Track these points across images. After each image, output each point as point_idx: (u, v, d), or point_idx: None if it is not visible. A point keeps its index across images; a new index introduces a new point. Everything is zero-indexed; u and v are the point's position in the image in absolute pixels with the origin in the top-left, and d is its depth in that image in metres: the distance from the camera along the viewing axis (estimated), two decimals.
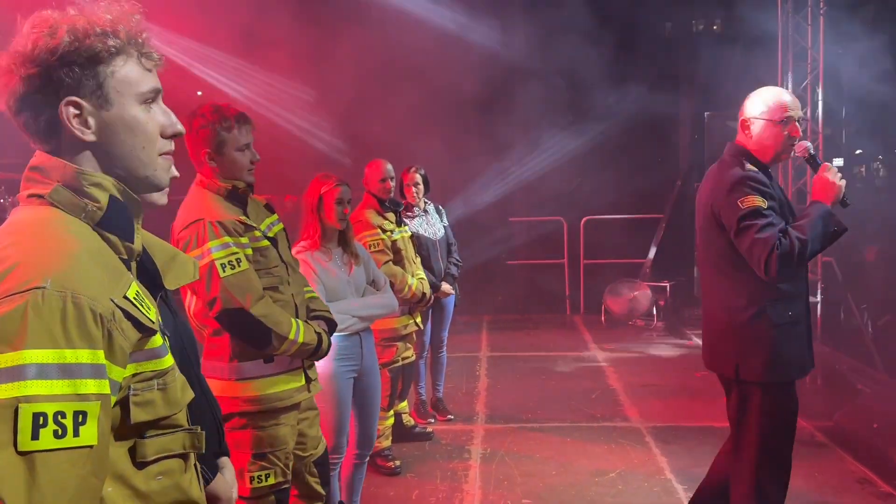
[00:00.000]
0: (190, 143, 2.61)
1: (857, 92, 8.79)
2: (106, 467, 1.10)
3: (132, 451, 1.18)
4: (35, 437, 0.99)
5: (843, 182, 2.71)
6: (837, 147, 11.13)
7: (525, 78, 10.77)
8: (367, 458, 3.56)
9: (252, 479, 2.59)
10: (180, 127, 1.31)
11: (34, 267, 1.07)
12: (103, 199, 1.20)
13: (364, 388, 3.37)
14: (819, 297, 8.61)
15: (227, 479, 1.66)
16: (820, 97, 8.50)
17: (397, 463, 4.40)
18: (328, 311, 2.87)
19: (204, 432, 1.31)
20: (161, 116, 1.27)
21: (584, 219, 9.64)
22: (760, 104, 2.83)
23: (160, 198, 1.43)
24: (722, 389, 3.22)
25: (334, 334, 3.10)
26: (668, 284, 8.64)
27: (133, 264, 1.26)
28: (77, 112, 1.18)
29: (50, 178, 1.20)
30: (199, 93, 9.78)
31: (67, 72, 1.17)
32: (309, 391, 2.74)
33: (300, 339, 2.58)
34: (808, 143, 2.87)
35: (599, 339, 7.99)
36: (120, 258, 1.22)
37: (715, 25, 13.16)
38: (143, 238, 1.30)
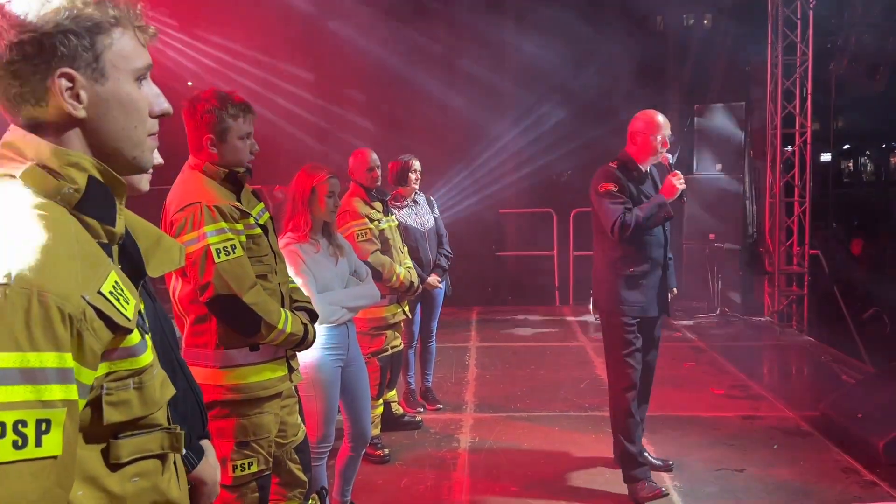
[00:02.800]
0: (192, 126, 2.58)
1: (846, 87, 8.84)
2: (72, 476, 1.02)
3: (105, 453, 1.11)
4: None
5: (684, 186, 3.74)
6: (826, 142, 11.21)
7: (517, 71, 10.77)
8: (363, 453, 3.56)
9: (235, 467, 2.57)
10: (168, 106, 1.24)
11: None
12: (81, 180, 1.11)
13: (351, 379, 3.36)
14: (806, 290, 8.70)
15: (211, 463, 1.64)
16: (809, 92, 8.55)
17: (386, 451, 4.42)
18: (310, 302, 2.86)
19: (183, 432, 1.25)
20: (150, 94, 1.21)
21: (574, 211, 9.67)
22: (643, 123, 3.84)
23: (143, 183, 1.37)
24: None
25: (322, 325, 3.12)
26: None
27: (115, 248, 1.17)
28: (70, 85, 1.10)
29: (24, 157, 1.11)
30: (190, 83, 9.74)
31: (63, 40, 1.08)
32: (291, 380, 2.74)
33: (288, 329, 2.58)
34: (669, 155, 3.85)
35: (588, 329, 8.02)
36: (99, 243, 1.13)
37: (705, 20, 13.20)
38: (126, 220, 1.22)
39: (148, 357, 1.15)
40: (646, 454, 4.14)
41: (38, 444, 0.94)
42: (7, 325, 0.94)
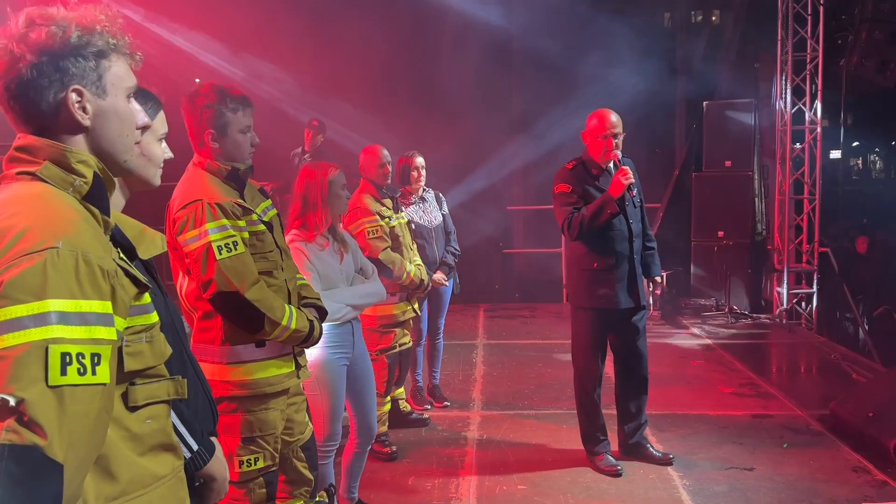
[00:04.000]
0: (192, 122, 2.58)
1: (856, 84, 8.78)
2: (112, 405, 1.24)
3: (125, 397, 1.33)
4: (63, 373, 1.13)
5: (629, 181, 3.86)
6: (835, 139, 11.13)
7: (523, 65, 10.74)
8: (369, 449, 3.55)
9: (241, 462, 2.57)
10: (147, 120, 1.51)
11: (45, 230, 1.19)
12: (89, 174, 1.32)
13: (357, 377, 3.35)
14: (815, 288, 8.65)
15: (221, 459, 1.67)
16: (819, 88, 8.50)
17: (394, 448, 4.41)
18: (319, 299, 2.86)
19: (186, 380, 1.46)
20: (135, 110, 1.44)
21: None
22: (594, 122, 4.02)
23: (156, 179, 1.62)
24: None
25: (327, 323, 3.10)
26: (664, 274, 8.64)
27: (107, 237, 1.34)
28: (79, 99, 1.32)
29: (37, 157, 1.31)
30: (197, 79, 9.74)
31: (75, 62, 1.30)
32: (298, 377, 2.74)
33: (292, 326, 2.58)
34: (618, 152, 3.97)
35: None
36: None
37: (714, 16, 13.11)
38: (112, 215, 1.40)
39: (155, 316, 1.38)
40: (647, 446, 4.31)
41: (94, 373, 1.16)
42: (63, 278, 1.16)
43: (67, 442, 1.12)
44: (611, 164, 4.05)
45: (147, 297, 1.36)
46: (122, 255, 1.34)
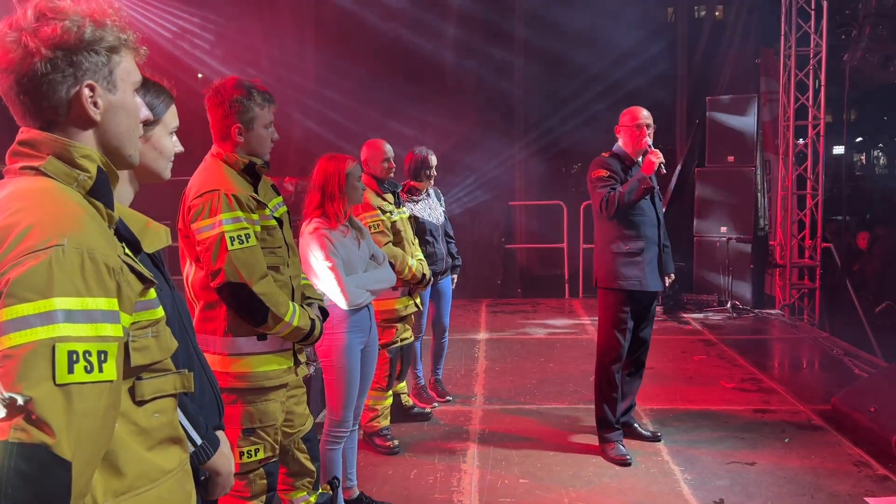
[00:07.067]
0: (219, 115, 2.62)
1: (860, 79, 8.77)
2: (119, 402, 1.24)
3: (132, 392, 1.34)
4: (71, 371, 1.14)
5: (660, 160, 4.10)
6: (839, 134, 11.11)
7: (526, 60, 10.73)
8: (357, 428, 3.58)
9: (241, 454, 2.60)
10: (148, 113, 1.52)
11: (50, 227, 1.19)
12: (93, 169, 1.32)
13: (366, 358, 3.42)
14: (817, 283, 8.65)
15: (226, 454, 1.68)
16: (822, 83, 8.49)
17: (396, 443, 4.42)
18: (321, 299, 2.90)
19: (192, 374, 1.48)
20: (140, 104, 1.45)
21: (584, 203, 9.64)
22: (628, 116, 4.29)
23: (166, 172, 1.65)
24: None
25: (350, 307, 3.16)
26: None
27: (111, 231, 1.35)
28: (91, 94, 1.32)
29: (41, 152, 1.31)
30: (200, 75, 9.75)
31: (88, 57, 1.30)
32: (296, 374, 2.76)
33: (295, 323, 2.60)
34: (648, 139, 4.24)
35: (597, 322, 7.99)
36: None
37: (717, 12, 13.09)
38: (116, 208, 1.40)
39: (161, 311, 1.40)
40: (636, 425, 4.55)
41: (101, 370, 1.17)
42: (68, 276, 1.16)
43: (75, 439, 1.13)
44: (640, 157, 4.28)
45: (153, 293, 1.37)
46: (126, 250, 1.34)
